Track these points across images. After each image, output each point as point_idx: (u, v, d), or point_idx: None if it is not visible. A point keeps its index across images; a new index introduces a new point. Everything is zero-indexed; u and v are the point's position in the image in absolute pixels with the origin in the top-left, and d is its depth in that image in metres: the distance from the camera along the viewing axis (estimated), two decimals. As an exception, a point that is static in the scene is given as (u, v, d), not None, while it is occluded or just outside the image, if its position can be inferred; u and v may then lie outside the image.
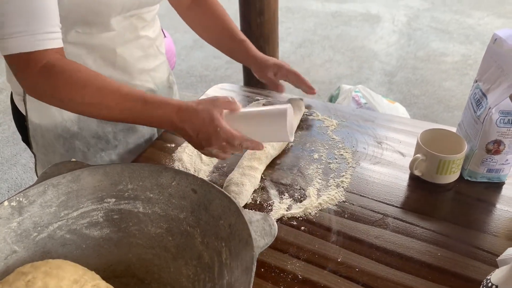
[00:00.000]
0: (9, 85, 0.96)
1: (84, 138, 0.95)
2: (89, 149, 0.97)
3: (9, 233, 0.59)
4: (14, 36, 0.67)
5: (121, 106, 0.73)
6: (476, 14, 4.10)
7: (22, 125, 0.97)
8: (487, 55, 0.81)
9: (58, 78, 0.71)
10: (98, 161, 0.98)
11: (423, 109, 2.78)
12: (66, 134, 0.93)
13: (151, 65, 1.00)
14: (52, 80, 0.71)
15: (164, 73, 1.07)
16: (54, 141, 0.94)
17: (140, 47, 0.95)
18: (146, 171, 0.67)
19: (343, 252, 0.71)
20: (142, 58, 0.97)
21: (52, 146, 0.95)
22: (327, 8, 4.36)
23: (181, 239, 0.65)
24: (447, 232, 0.75)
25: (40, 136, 0.94)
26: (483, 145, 0.80)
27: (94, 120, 0.94)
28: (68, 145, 0.95)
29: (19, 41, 0.68)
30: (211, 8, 1.07)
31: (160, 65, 1.04)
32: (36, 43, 0.68)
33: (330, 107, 1.10)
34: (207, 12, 1.08)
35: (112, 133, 0.98)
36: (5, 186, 2.30)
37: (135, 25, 0.91)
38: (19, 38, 0.67)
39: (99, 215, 0.66)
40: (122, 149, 1.01)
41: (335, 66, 3.33)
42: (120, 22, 0.87)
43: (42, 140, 0.95)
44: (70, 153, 0.95)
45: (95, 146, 0.97)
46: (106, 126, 0.96)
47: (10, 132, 2.71)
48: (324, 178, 0.87)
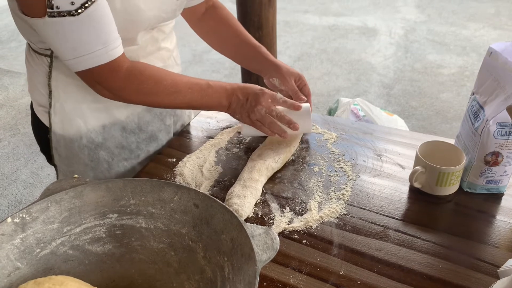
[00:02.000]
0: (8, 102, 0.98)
1: (108, 148, 0.98)
2: (113, 159, 1.00)
3: (12, 249, 0.60)
4: (91, 52, 0.75)
5: (192, 92, 0.88)
6: (472, 26, 4.15)
7: (43, 137, 0.98)
8: (483, 68, 0.83)
9: (142, 76, 0.84)
10: (121, 170, 1.02)
11: (421, 121, 2.80)
12: (91, 144, 0.96)
13: None
14: (138, 79, 0.83)
15: None
16: (78, 152, 0.96)
17: (160, 58, 1.00)
18: (148, 186, 0.67)
19: (345, 265, 0.72)
20: None
21: (76, 157, 0.97)
22: (325, 22, 4.40)
23: (183, 254, 0.65)
24: (448, 243, 0.75)
25: (64, 147, 0.96)
26: (481, 157, 0.80)
27: (118, 130, 0.98)
28: (93, 155, 0.97)
29: (97, 56, 0.76)
30: (223, 18, 1.10)
31: None
32: (113, 52, 0.78)
33: (329, 120, 1.11)
34: (220, 22, 1.10)
35: (136, 143, 1.02)
36: (5, 202, 2.30)
37: (156, 37, 0.96)
38: (95, 53, 0.75)
39: (102, 230, 0.66)
40: (143, 157, 1.05)
41: (333, 79, 3.35)
42: (143, 36, 0.92)
43: (66, 151, 0.96)
44: (94, 163, 0.98)
45: (119, 155, 1.00)
46: (129, 137, 1.00)
47: (10, 148, 2.72)
48: (324, 191, 0.87)
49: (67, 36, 0.72)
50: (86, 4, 0.71)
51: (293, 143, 0.99)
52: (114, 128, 0.97)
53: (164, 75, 0.87)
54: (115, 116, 0.96)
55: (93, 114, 0.93)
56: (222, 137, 1.05)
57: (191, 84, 0.89)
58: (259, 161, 0.92)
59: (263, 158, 0.93)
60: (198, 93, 0.89)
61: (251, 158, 0.95)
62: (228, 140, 1.05)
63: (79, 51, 0.74)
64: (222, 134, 1.06)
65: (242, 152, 1.00)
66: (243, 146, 1.03)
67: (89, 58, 0.75)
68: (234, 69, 3.40)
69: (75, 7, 0.70)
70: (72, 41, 0.73)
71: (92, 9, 0.71)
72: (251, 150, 1.00)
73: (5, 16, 4.94)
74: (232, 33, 1.09)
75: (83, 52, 0.75)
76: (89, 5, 0.71)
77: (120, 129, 0.98)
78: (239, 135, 1.07)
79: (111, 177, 1.01)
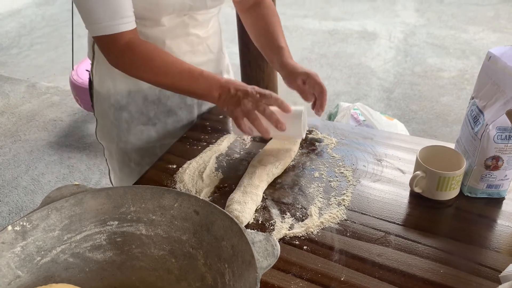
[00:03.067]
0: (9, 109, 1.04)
1: (130, 112, 1.10)
2: (132, 121, 1.11)
3: (13, 258, 0.60)
4: (99, 22, 0.87)
5: (181, 76, 0.92)
6: (471, 29, 4.16)
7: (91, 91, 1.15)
8: (483, 72, 0.83)
9: (134, 53, 0.90)
10: (138, 134, 1.13)
11: (421, 124, 2.80)
12: (116, 105, 1.09)
13: (197, 60, 1.10)
14: (130, 55, 0.91)
15: (210, 69, 1.13)
16: (107, 109, 1.11)
17: (189, 43, 1.07)
18: (149, 193, 0.67)
19: (346, 271, 0.71)
20: (189, 53, 1.08)
21: (106, 113, 1.11)
22: (324, 26, 4.41)
23: (184, 261, 0.65)
24: (449, 248, 0.75)
25: (99, 102, 1.12)
26: (481, 161, 0.80)
27: (140, 98, 1.09)
28: (117, 115, 1.10)
29: (102, 27, 0.87)
30: (263, 15, 1.12)
31: (208, 62, 1.14)
32: (116, 27, 0.87)
33: (329, 125, 1.11)
34: (258, 19, 1.13)
35: (154, 112, 1.12)
36: (6, 209, 2.30)
37: (186, 23, 1.03)
38: (102, 24, 0.87)
39: (102, 238, 0.66)
40: (160, 128, 1.14)
41: (333, 83, 3.36)
42: (172, 19, 1.00)
43: (100, 106, 1.12)
44: (117, 121, 1.11)
45: (138, 120, 1.12)
46: (150, 105, 1.11)
47: (11, 155, 2.72)
48: (325, 196, 0.87)
49: (83, 4, 0.86)
50: None
51: (293, 148, 0.99)
52: (138, 95, 1.09)
53: (157, 56, 0.92)
54: (139, 85, 1.06)
55: (122, 80, 1.05)
56: (222, 143, 1.05)
57: (182, 68, 0.92)
58: (259, 167, 0.92)
59: (263, 164, 0.93)
60: (187, 79, 0.92)
61: (251, 164, 0.95)
62: (229, 146, 1.05)
63: (89, 20, 0.88)
64: (223, 140, 1.06)
65: (242, 158, 1.00)
66: (243, 152, 1.03)
67: (96, 27, 0.88)
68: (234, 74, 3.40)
69: None
70: (86, 9, 0.86)
71: None
72: (252, 156, 1.00)
73: (7, 23, 4.96)
74: (264, 31, 1.11)
75: (92, 21, 0.87)
76: None
77: (143, 96, 1.09)
78: (240, 141, 1.07)
79: (130, 137, 1.13)
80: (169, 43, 1.04)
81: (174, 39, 1.04)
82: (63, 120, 3.07)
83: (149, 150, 1.15)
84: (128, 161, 1.17)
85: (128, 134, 1.13)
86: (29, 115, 3.14)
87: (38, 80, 3.66)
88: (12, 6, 5.45)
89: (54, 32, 4.65)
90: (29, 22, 4.98)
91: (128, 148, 1.15)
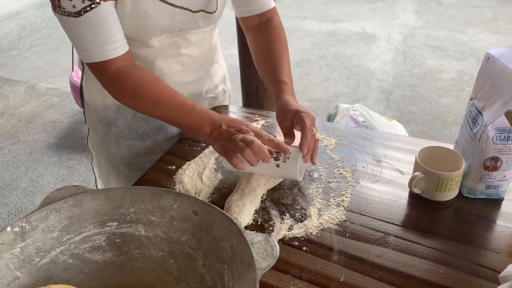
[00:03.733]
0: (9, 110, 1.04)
1: (119, 127, 1.09)
2: (121, 136, 1.10)
3: (12, 259, 0.60)
4: (88, 49, 0.84)
5: (172, 108, 0.87)
6: (470, 31, 4.16)
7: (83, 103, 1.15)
8: (481, 73, 0.83)
9: (124, 81, 0.87)
10: (127, 148, 1.11)
11: (421, 126, 2.80)
12: (105, 119, 1.09)
13: (189, 78, 1.08)
14: (121, 83, 0.88)
15: (203, 86, 1.14)
16: (97, 123, 1.10)
17: (180, 63, 1.04)
18: (148, 194, 0.67)
19: (345, 272, 0.71)
20: (180, 72, 1.06)
21: (95, 126, 1.11)
22: (324, 28, 4.42)
23: (183, 262, 0.65)
24: (448, 249, 0.75)
25: (89, 115, 1.12)
26: (480, 162, 0.80)
27: (129, 114, 1.08)
28: (106, 129, 1.10)
29: (91, 54, 0.85)
30: (269, 37, 1.01)
31: (200, 79, 1.12)
32: (105, 54, 0.85)
33: (328, 126, 1.11)
34: (264, 41, 1.02)
35: (143, 129, 1.10)
36: (5, 211, 2.30)
37: (178, 44, 1.01)
38: (91, 51, 0.84)
39: (101, 239, 0.66)
40: (150, 143, 1.12)
41: (332, 84, 3.36)
42: (163, 40, 0.98)
43: (90, 119, 1.12)
44: (107, 136, 1.10)
45: (127, 135, 1.10)
46: (139, 121, 1.09)
47: (10, 157, 2.72)
48: (324, 197, 0.87)
49: (71, 32, 0.84)
50: (86, 9, 0.80)
51: None
52: (127, 111, 1.07)
53: (149, 85, 0.88)
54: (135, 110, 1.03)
55: None
56: (221, 144, 1.05)
57: (174, 100, 0.88)
58: None
59: None
60: (178, 112, 0.87)
61: None
62: (228, 147, 1.05)
63: (80, 46, 0.85)
64: (222, 141, 1.06)
65: (241, 159, 1.00)
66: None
67: (86, 54, 0.85)
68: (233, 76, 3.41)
69: (76, 10, 0.80)
70: (75, 37, 0.84)
71: (91, 15, 0.81)
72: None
73: (6, 25, 4.97)
74: (267, 58, 1.00)
75: (82, 48, 0.85)
76: (88, 11, 0.80)
77: (132, 113, 1.08)
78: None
79: (118, 151, 1.11)
80: (159, 63, 1.01)
81: (165, 59, 1.01)
82: (62, 121, 3.06)
83: (138, 165, 1.12)
84: (118, 173, 1.15)
85: (116, 148, 1.11)
86: (28, 116, 3.14)
87: (38, 82, 3.66)
88: (12, 8, 5.46)
89: (54, 33, 4.65)
90: (29, 23, 4.98)
91: (117, 161, 1.13)
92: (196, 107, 0.88)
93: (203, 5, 0.95)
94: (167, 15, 0.91)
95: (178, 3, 0.91)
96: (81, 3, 0.79)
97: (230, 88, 1.28)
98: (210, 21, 0.99)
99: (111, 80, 0.88)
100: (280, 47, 1.00)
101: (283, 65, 0.98)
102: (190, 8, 0.93)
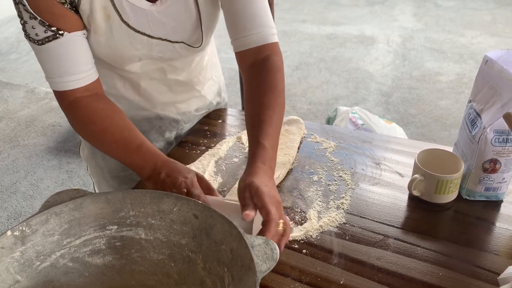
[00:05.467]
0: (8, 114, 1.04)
1: None
2: None
3: (12, 263, 0.60)
4: (50, 77, 0.83)
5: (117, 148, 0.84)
6: (469, 33, 4.17)
7: None
8: (479, 76, 0.83)
9: (78, 114, 0.85)
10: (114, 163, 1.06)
11: (420, 128, 2.80)
12: None
13: (177, 98, 1.05)
14: (73, 114, 0.85)
15: (193, 105, 1.10)
16: None
17: (166, 85, 1.01)
18: (148, 198, 0.67)
19: (345, 275, 0.72)
20: (168, 93, 1.03)
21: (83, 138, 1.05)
22: (322, 31, 4.43)
23: (183, 265, 0.65)
24: (448, 251, 0.75)
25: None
26: (479, 164, 0.81)
27: None
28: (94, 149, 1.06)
29: (52, 82, 0.83)
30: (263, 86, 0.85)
31: (190, 99, 1.08)
32: (64, 85, 0.82)
33: (327, 129, 1.12)
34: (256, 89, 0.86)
35: None
36: (4, 215, 2.29)
37: (164, 69, 0.98)
38: (53, 80, 0.83)
39: (102, 242, 0.66)
40: None
41: (331, 87, 3.37)
42: (145, 65, 0.94)
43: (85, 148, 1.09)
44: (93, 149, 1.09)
45: None
46: None
47: (10, 160, 2.72)
48: (324, 200, 0.88)
49: (36, 56, 0.83)
50: (49, 39, 0.79)
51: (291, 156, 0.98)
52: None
53: (98, 119, 0.84)
54: None
55: None
56: (221, 147, 1.05)
57: (120, 138, 0.83)
58: None
59: None
60: (122, 151, 0.83)
61: None
62: (228, 149, 1.05)
63: (44, 72, 0.84)
64: (222, 144, 1.06)
65: (241, 162, 1.01)
66: (242, 156, 1.03)
67: (48, 81, 0.84)
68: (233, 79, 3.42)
69: (39, 38, 0.79)
70: (40, 62, 0.83)
71: (53, 45, 0.79)
72: (250, 160, 0.99)
73: (5, 29, 4.97)
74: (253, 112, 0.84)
75: (45, 74, 0.84)
76: (50, 41, 0.79)
77: None
78: (239, 145, 1.07)
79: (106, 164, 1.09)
80: (145, 84, 0.99)
81: (150, 81, 0.98)
82: (62, 125, 3.06)
83: (126, 177, 1.09)
84: (107, 186, 1.13)
85: (104, 161, 1.09)
86: (28, 120, 3.14)
87: (37, 85, 3.66)
88: (12, 12, 5.45)
89: (53, 37, 4.65)
90: (28, 27, 4.98)
91: (105, 174, 1.12)
92: (142, 148, 0.82)
93: (184, 38, 0.90)
94: (144, 46, 0.88)
95: (155, 34, 0.87)
96: (43, 33, 0.78)
97: (226, 98, 1.25)
98: (194, 51, 0.93)
99: (66, 110, 0.86)
100: (270, 101, 0.83)
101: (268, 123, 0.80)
102: (169, 39, 0.88)
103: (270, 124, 0.80)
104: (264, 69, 0.86)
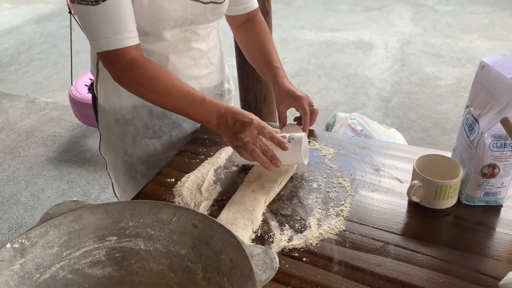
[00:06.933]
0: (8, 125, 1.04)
1: (135, 126, 1.13)
2: (138, 135, 1.14)
3: (12, 275, 0.60)
4: (102, 38, 0.88)
5: (183, 100, 0.92)
6: (467, 37, 4.19)
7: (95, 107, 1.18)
8: (476, 81, 0.84)
9: (138, 71, 0.91)
10: (144, 147, 1.15)
11: (420, 133, 2.81)
12: (122, 120, 1.12)
13: (200, 73, 1.14)
14: (134, 72, 0.91)
15: (212, 81, 1.19)
16: (113, 124, 1.13)
17: (191, 57, 1.10)
18: (147, 208, 0.67)
19: (346, 282, 0.71)
20: (192, 66, 1.11)
21: (111, 128, 1.14)
22: (321, 37, 4.45)
23: (183, 275, 0.65)
24: (448, 257, 0.75)
25: (104, 118, 1.14)
26: (478, 169, 0.81)
27: (145, 112, 1.12)
28: (122, 129, 1.13)
29: (105, 42, 0.88)
30: (257, 29, 1.17)
31: (209, 74, 1.17)
32: (120, 42, 0.89)
33: (326, 136, 1.12)
34: (251, 36, 1.17)
35: (159, 125, 1.14)
36: (5, 226, 2.29)
37: (188, 38, 1.07)
38: (105, 40, 0.88)
39: (101, 253, 0.66)
40: (165, 141, 1.16)
41: (330, 93, 3.37)
42: (175, 34, 1.03)
43: (105, 122, 1.15)
44: (123, 135, 1.14)
45: (144, 134, 1.14)
46: (154, 119, 1.13)
47: (10, 171, 2.72)
48: (323, 207, 0.87)
49: (87, 20, 0.87)
50: None
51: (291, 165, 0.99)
52: (143, 110, 1.11)
53: (160, 75, 0.92)
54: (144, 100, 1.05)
55: (127, 95, 1.04)
56: (220, 155, 1.05)
57: (185, 92, 0.92)
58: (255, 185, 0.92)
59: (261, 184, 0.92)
60: (188, 103, 0.92)
61: (247, 180, 0.95)
62: (227, 158, 1.05)
63: (94, 35, 0.88)
64: (221, 153, 1.06)
65: (240, 170, 1.01)
66: (241, 164, 1.03)
67: (100, 43, 0.89)
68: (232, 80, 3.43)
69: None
70: (90, 26, 0.88)
71: (109, 3, 0.85)
72: (249, 168, 1.00)
73: (5, 40, 5.00)
74: (258, 48, 1.15)
75: (98, 36, 0.88)
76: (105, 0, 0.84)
77: (148, 111, 1.11)
78: (238, 153, 1.07)
79: (136, 150, 1.14)
80: (173, 58, 1.06)
81: (177, 54, 1.07)
82: (62, 135, 3.07)
83: (155, 162, 1.16)
84: (135, 173, 1.18)
85: (134, 147, 1.15)
86: (28, 131, 3.14)
87: (37, 96, 3.68)
88: (12, 23, 5.50)
89: (53, 48, 4.68)
90: (28, 39, 5.01)
91: (134, 161, 1.16)
92: (206, 99, 0.92)
93: None
94: (180, 7, 0.97)
95: None
96: None
97: (234, 89, 1.34)
98: (217, 14, 1.06)
99: (124, 70, 0.91)
100: (268, 39, 1.16)
101: (273, 53, 1.14)
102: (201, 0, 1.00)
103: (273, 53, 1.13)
104: (256, 22, 1.18)
